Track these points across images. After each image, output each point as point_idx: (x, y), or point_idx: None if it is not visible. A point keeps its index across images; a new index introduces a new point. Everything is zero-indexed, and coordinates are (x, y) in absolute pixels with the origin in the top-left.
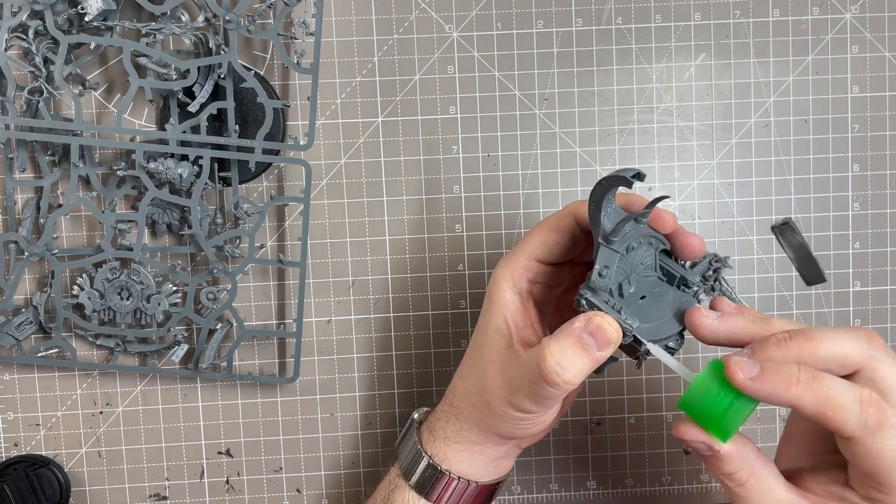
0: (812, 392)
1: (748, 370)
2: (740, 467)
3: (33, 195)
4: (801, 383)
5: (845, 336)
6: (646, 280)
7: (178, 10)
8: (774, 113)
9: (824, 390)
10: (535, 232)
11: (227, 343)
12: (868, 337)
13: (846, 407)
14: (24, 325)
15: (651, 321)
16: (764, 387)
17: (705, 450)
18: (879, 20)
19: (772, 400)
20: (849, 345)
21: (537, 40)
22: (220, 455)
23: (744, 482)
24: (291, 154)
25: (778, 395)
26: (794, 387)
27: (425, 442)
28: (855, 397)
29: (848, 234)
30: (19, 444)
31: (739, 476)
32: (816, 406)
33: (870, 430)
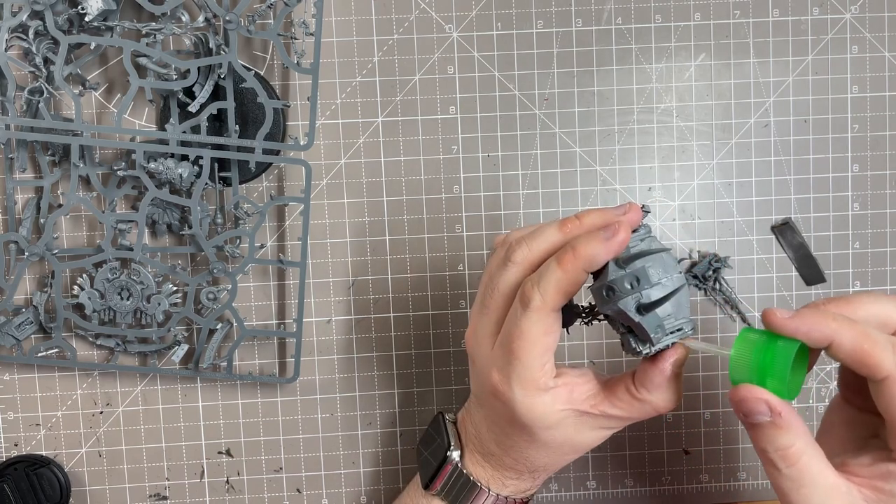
0: (849, 327)
1: (784, 312)
2: (796, 440)
3: (33, 195)
4: (837, 320)
5: (885, 299)
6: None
7: (178, 10)
8: (774, 113)
9: (860, 326)
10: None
11: (228, 343)
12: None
13: (881, 343)
14: (25, 325)
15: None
16: (803, 322)
17: (765, 413)
18: (879, 20)
19: (811, 336)
20: (888, 307)
21: (537, 40)
22: (220, 455)
23: (797, 461)
24: (291, 154)
25: (817, 330)
26: (831, 322)
27: (466, 460)
28: (888, 338)
29: (848, 234)
30: (19, 444)
31: (794, 451)
32: (854, 341)
33: None
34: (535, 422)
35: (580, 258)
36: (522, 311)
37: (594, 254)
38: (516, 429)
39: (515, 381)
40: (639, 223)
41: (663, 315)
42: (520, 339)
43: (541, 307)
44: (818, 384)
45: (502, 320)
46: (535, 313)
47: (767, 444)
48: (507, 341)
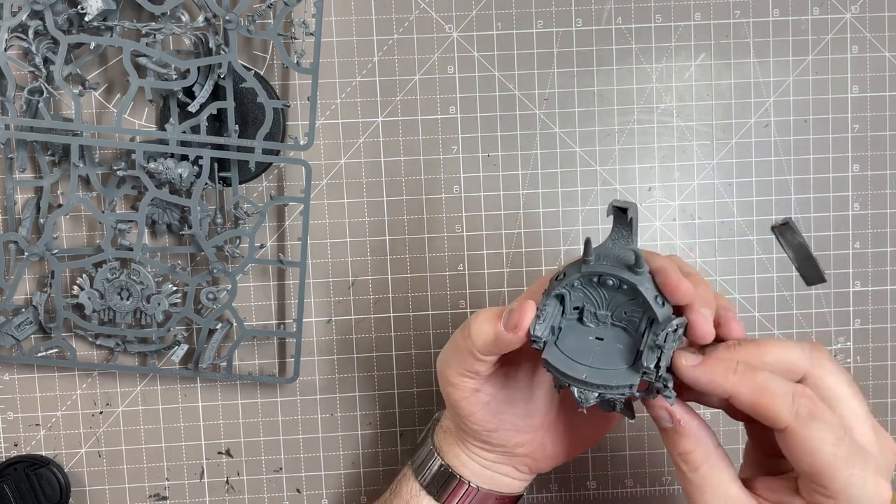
0: (748, 381)
1: (691, 358)
2: (696, 447)
3: (33, 195)
4: (738, 373)
5: (791, 345)
6: (616, 329)
7: (178, 10)
8: (774, 113)
9: (759, 379)
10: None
11: (227, 343)
12: (813, 349)
13: (779, 396)
14: (24, 325)
15: (597, 364)
16: (704, 373)
17: (666, 419)
18: (879, 20)
19: (711, 387)
20: (794, 353)
21: (537, 40)
22: (220, 455)
23: (698, 466)
24: (291, 154)
25: (717, 383)
26: (731, 375)
27: (438, 442)
28: (788, 389)
29: (848, 234)
30: (19, 444)
31: (694, 457)
32: (752, 394)
33: (802, 420)
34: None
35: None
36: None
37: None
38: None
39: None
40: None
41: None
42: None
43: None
44: None
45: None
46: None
47: (672, 448)
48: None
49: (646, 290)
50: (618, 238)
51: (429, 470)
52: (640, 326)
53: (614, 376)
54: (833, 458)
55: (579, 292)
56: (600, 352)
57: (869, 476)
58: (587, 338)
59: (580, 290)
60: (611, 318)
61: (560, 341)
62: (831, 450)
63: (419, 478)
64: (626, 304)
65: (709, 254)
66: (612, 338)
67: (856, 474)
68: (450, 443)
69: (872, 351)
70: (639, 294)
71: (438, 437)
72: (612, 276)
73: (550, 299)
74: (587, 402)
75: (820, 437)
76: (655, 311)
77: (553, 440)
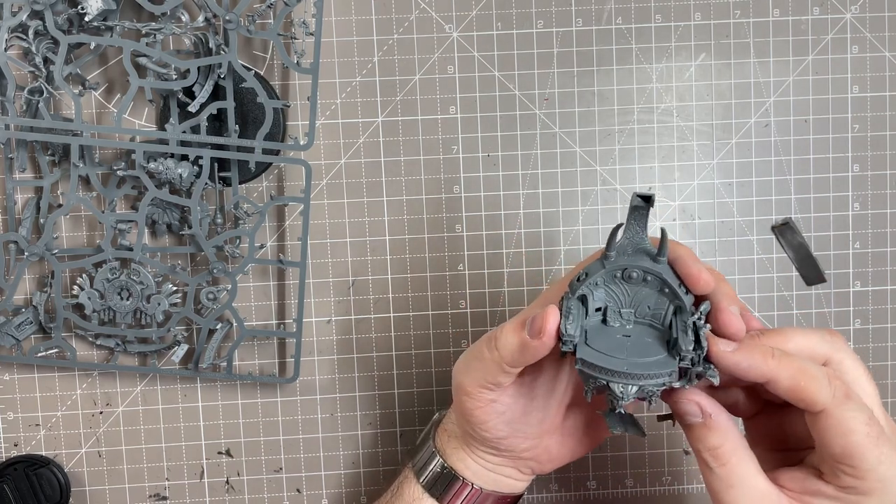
0: (787, 365)
1: (728, 345)
2: (724, 441)
3: (33, 195)
4: (776, 357)
5: (811, 332)
6: (642, 326)
7: (178, 10)
8: (774, 113)
9: (797, 363)
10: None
11: (227, 343)
12: (832, 335)
13: (817, 378)
14: (24, 325)
15: (633, 356)
16: (745, 357)
17: (696, 414)
18: (879, 20)
19: (750, 372)
20: (815, 339)
21: (537, 40)
22: (220, 455)
23: (726, 461)
24: (291, 154)
25: (757, 367)
26: (770, 359)
27: (440, 444)
28: (824, 372)
29: (848, 234)
30: (19, 444)
31: (723, 452)
32: (792, 376)
33: (839, 401)
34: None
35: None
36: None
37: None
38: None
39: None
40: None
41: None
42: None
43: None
44: None
45: None
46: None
47: (699, 444)
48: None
49: (671, 278)
50: (632, 231)
51: (431, 472)
52: (666, 319)
53: (654, 365)
54: (866, 437)
55: (601, 291)
56: (632, 347)
57: (894, 455)
58: (615, 336)
59: (602, 288)
60: (634, 315)
61: (590, 341)
62: (864, 429)
63: (421, 480)
64: (648, 298)
65: (709, 254)
66: (640, 333)
67: (885, 453)
68: (454, 446)
69: (872, 351)
70: (663, 284)
71: (441, 440)
72: (637, 267)
73: (573, 301)
74: (627, 397)
75: (854, 418)
76: (682, 299)
77: (559, 443)
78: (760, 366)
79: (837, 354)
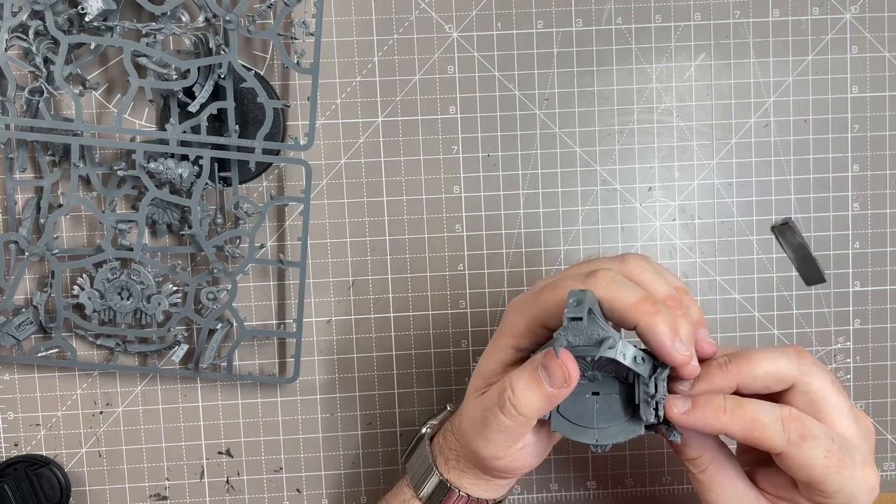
0: (738, 418)
1: (681, 406)
2: (701, 452)
3: (33, 195)
4: (727, 411)
5: (779, 355)
6: (608, 378)
7: (178, 10)
8: (774, 113)
9: (748, 414)
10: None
11: (228, 343)
12: (798, 354)
13: (770, 426)
14: (25, 325)
15: (602, 423)
16: (697, 418)
17: (670, 432)
18: (879, 20)
19: (706, 429)
20: (782, 363)
21: (537, 40)
22: (220, 455)
23: (705, 468)
24: (291, 154)
25: (710, 425)
26: (721, 415)
27: (438, 463)
28: (776, 416)
29: (848, 234)
30: (19, 444)
31: (702, 461)
32: (744, 429)
33: (794, 444)
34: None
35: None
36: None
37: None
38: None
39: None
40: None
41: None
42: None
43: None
44: None
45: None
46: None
47: (680, 455)
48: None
49: (624, 359)
50: (575, 337)
51: (427, 486)
52: (629, 377)
53: (620, 431)
54: (826, 469)
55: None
56: (600, 408)
57: (858, 472)
58: (584, 396)
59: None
60: (600, 373)
61: (561, 407)
62: (824, 462)
63: (419, 494)
64: (609, 363)
65: (709, 254)
66: (608, 387)
67: (847, 475)
68: (462, 472)
69: (872, 351)
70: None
71: (449, 473)
72: (590, 355)
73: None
74: (605, 450)
75: (812, 455)
76: (639, 371)
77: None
78: (713, 423)
79: (804, 377)
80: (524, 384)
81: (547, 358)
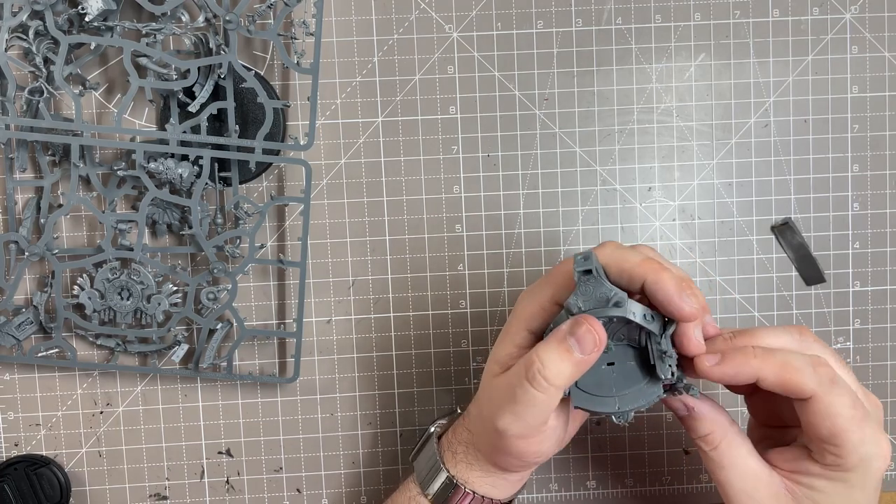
0: (770, 361)
1: (712, 359)
2: (713, 428)
3: (33, 195)
4: (758, 357)
5: (781, 332)
6: (621, 347)
7: (179, 10)
8: (774, 113)
9: (780, 357)
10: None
11: (228, 343)
12: (800, 332)
13: (802, 369)
14: (25, 324)
15: (621, 391)
16: (728, 367)
17: (682, 409)
18: (879, 20)
19: (738, 377)
20: (784, 339)
21: (537, 40)
22: (220, 455)
23: (716, 445)
24: (291, 154)
25: (742, 371)
26: (753, 360)
27: (445, 458)
28: (808, 360)
29: (848, 234)
30: (19, 444)
31: (713, 437)
32: (776, 373)
33: (825, 387)
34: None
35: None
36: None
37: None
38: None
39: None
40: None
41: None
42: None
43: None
44: None
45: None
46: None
47: (691, 432)
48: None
49: (634, 316)
50: (586, 293)
51: (435, 485)
52: (641, 339)
53: (640, 395)
54: (851, 420)
55: None
56: (617, 377)
57: (877, 433)
58: (600, 367)
59: None
60: (612, 342)
61: (580, 382)
62: (850, 412)
63: (427, 494)
64: (621, 326)
65: (709, 254)
66: (622, 357)
67: (867, 433)
68: (475, 473)
69: (872, 351)
70: (628, 322)
71: (456, 468)
72: (601, 317)
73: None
74: (626, 421)
75: (841, 402)
76: (649, 329)
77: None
78: (745, 369)
79: (808, 352)
80: (554, 354)
81: (574, 325)
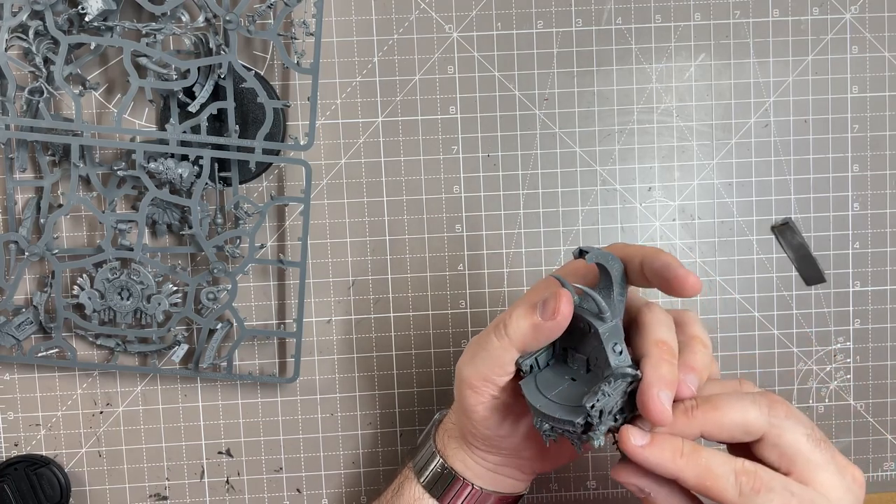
0: (693, 464)
1: (639, 438)
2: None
3: (33, 195)
4: (684, 456)
5: (749, 405)
6: (591, 374)
7: (178, 10)
8: (774, 113)
9: (703, 462)
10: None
11: (228, 343)
12: (770, 405)
13: (723, 477)
14: (25, 325)
15: (557, 399)
16: (652, 455)
17: (638, 492)
18: (879, 20)
19: (658, 469)
20: (751, 413)
21: (537, 40)
22: (220, 455)
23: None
24: (291, 154)
25: (663, 465)
26: (678, 458)
27: (440, 444)
28: (730, 468)
29: (848, 234)
30: (19, 444)
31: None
32: (697, 477)
33: (746, 497)
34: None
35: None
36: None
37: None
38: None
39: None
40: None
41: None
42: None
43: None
44: (818, 384)
45: None
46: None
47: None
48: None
49: (604, 334)
50: (604, 282)
51: (431, 472)
52: (604, 372)
53: (563, 412)
54: None
55: (565, 334)
56: (565, 390)
57: None
58: (563, 377)
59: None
60: (587, 363)
61: (540, 374)
62: None
63: (421, 480)
64: (597, 349)
65: (709, 254)
66: (584, 381)
67: None
68: (454, 447)
69: (872, 351)
70: (600, 344)
71: (441, 440)
72: (581, 317)
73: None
74: (540, 428)
75: None
76: (607, 355)
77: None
78: (668, 465)
79: (774, 430)
80: (520, 310)
81: (549, 294)
